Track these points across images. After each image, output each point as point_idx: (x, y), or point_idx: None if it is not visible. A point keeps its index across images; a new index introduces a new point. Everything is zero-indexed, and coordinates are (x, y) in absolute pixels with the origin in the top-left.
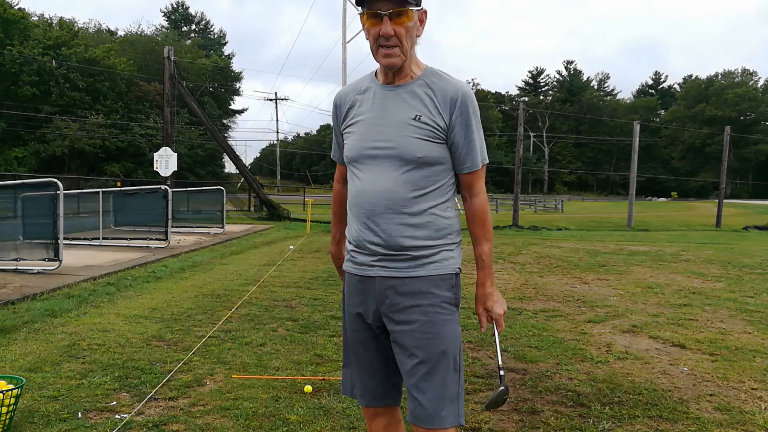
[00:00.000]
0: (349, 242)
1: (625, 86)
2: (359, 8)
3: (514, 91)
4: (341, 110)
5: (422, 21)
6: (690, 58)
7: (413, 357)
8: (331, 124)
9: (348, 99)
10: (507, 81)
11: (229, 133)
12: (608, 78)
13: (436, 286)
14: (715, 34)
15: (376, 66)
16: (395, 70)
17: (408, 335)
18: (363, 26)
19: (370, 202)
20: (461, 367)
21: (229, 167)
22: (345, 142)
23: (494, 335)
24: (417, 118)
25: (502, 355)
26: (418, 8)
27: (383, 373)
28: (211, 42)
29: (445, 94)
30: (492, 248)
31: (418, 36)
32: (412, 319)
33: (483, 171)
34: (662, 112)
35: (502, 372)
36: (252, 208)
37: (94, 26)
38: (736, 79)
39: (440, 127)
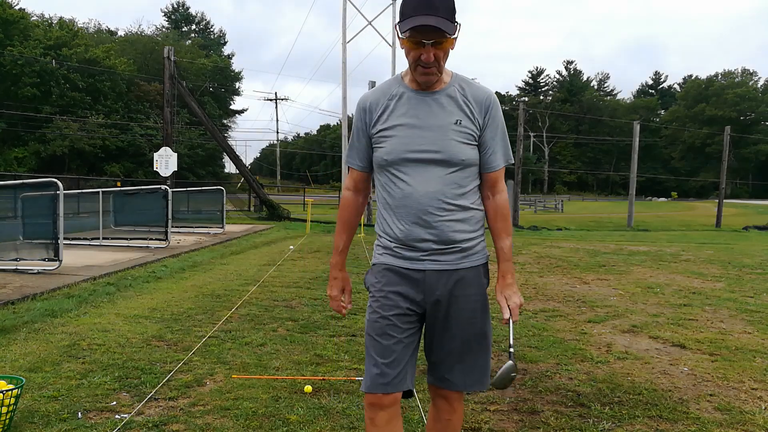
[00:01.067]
0: (389, 240)
1: (624, 87)
2: (400, 27)
3: (514, 91)
4: (372, 114)
5: (457, 37)
6: (689, 58)
7: (455, 339)
8: (355, 125)
9: (380, 103)
10: (507, 81)
11: (229, 133)
12: (608, 78)
13: (479, 274)
14: (714, 34)
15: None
16: (432, 84)
17: (456, 321)
18: (400, 40)
19: (420, 203)
20: (491, 343)
21: (229, 167)
22: (380, 146)
23: (509, 322)
24: (458, 123)
25: (513, 339)
26: (458, 31)
27: (406, 361)
28: (211, 42)
29: (478, 99)
30: (512, 243)
31: (452, 49)
32: (461, 307)
33: (504, 171)
34: (662, 112)
35: (512, 350)
36: (252, 208)
37: (94, 26)
38: (736, 79)
39: (475, 130)
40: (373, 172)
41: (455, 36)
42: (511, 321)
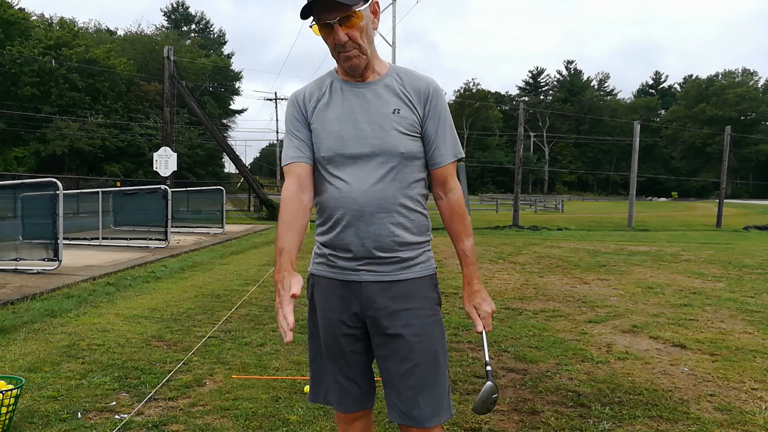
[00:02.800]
0: (324, 246)
1: (624, 87)
2: (308, 21)
3: (515, 91)
4: (305, 108)
5: (375, 13)
6: (686, 59)
7: (407, 360)
8: (290, 120)
9: (313, 97)
10: (507, 81)
11: (229, 132)
12: (608, 78)
13: (424, 287)
14: (712, 35)
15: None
16: (360, 71)
17: (400, 340)
18: (318, 34)
19: (357, 203)
20: (447, 363)
21: (229, 167)
22: (315, 143)
23: (482, 333)
24: (396, 112)
25: (489, 351)
26: (366, 3)
27: (363, 377)
28: (210, 42)
29: (417, 88)
30: (474, 244)
31: (375, 29)
32: (404, 323)
33: (455, 166)
34: (662, 112)
35: (488, 367)
36: (252, 208)
37: (94, 26)
38: (737, 79)
39: (416, 120)
40: None
41: (363, 6)
42: (484, 333)
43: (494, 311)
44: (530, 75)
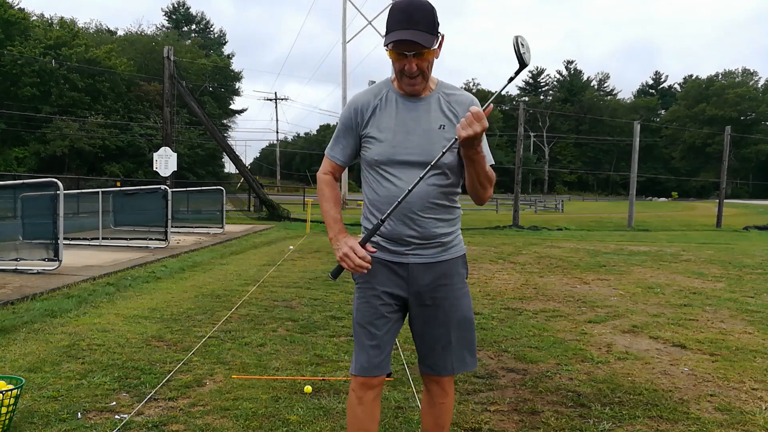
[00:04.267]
0: (376, 234)
1: (623, 88)
2: (385, 40)
3: (515, 91)
4: (363, 114)
5: (440, 45)
6: (684, 61)
7: (443, 326)
8: (343, 123)
9: (370, 105)
10: (503, 81)
11: (229, 133)
12: (608, 78)
13: (458, 265)
14: (711, 36)
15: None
16: (419, 93)
17: (440, 309)
18: (387, 52)
19: (407, 202)
20: (474, 325)
21: (229, 167)
22: (369, 146)
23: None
24: (442, 128)
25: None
26: (438, 42)
27: (390, 346)
28: (211, 42)
29: (461, 104)
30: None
31: (436, 58)
32: (443, 296)
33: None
34: (662, 112)
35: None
36: (252, 208)
37: (95, 26)
38: (737, 79)
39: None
40: (359, 170)
41: (435, 47)
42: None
43: (477, 132)
44: (530, 75)
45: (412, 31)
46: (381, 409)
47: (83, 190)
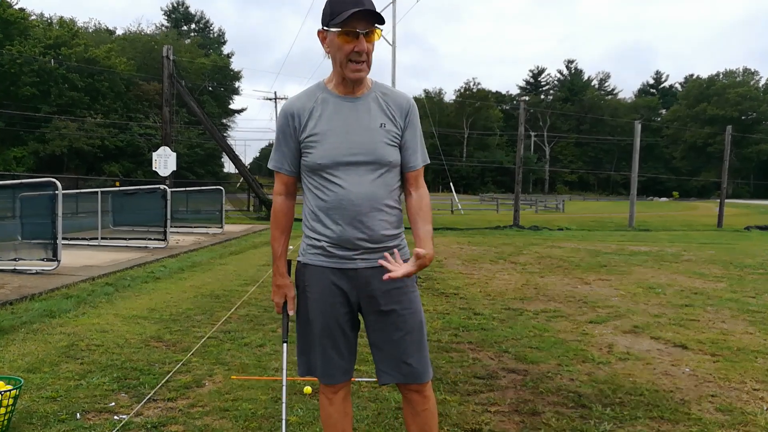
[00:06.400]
0: (321, 240)
1: (621, 89)
2: (330, 28)
3: (515, 91)
4: (299, 119)
5: (380, 34)
6: (684, 62)
7: (399, 330)
8: (281, 131)
9: (305, 108)
10: (507, 82)
11: (228, 132)
12: (609, 77)
13: None
14: (708, 38)
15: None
16: (360, 83)
17: (393, 314)
18: (325, 42)
19: (354, 204)
20: (426, 331)
21: (229, 167)
22: (311, 150)
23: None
24: (383, 126)
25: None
26: (382, 27)
27: (351, 352)
28: (210, 41)
29: (398, 103)
30: (432, 230)
31: (372, 50)
32: (395, 300)
33: (422, 170)
34: (663, 111)
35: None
36: (251, 208)
37: (94, 26)
38: (738, 79)
39: (397, 133)
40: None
41: (382, 28)
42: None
43: (430, 257)
44: (531, 74)
45: (368, 7)
46: (381, 411)
47: (82, 190)
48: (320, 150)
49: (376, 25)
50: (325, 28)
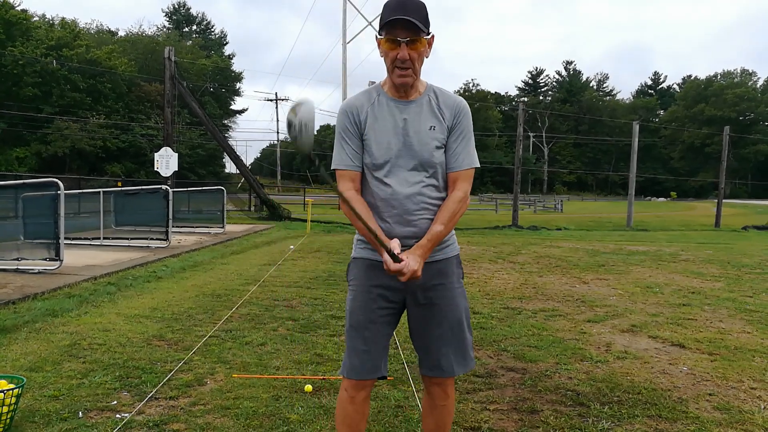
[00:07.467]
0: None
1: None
2: (379, 34)
3: (514, 92)
4: (359, 118)
5: (430, 44)
6: (682, 62)
7: (440, 326)
8: (343, 129)
9: (364, 107)
10: (506, 83)
11: (230, 133)
12: (607, 78)
13: (453, 265)
14: (707, 39)
15: (381, 76)
16: (407, 89)
17: (435, 308)
18: (379, 47)
19: (402, 203)
20: (470, 324)
21: (230, 167)
22: (365, 150)
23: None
24: (432, 129)
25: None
26: (429, 35)
27: (385, 350)
28: (211, 43)
29: (449, 105)
30: (443, 233)
31: (426, 57)
32: (439, 295)
33: (469, 174)
34: (661, 112)
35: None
36: (252, 208)
37: (96, 27)
38: (736, 80)
39: (445, 135)
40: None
41: (428, 37)
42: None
43: (414, 275)
44: (529, 75)
45: (407, 17)
46: (381, 409)
47: (84, 190)
48: (372, 150)
49: (422, 34)
50: (377, 33)
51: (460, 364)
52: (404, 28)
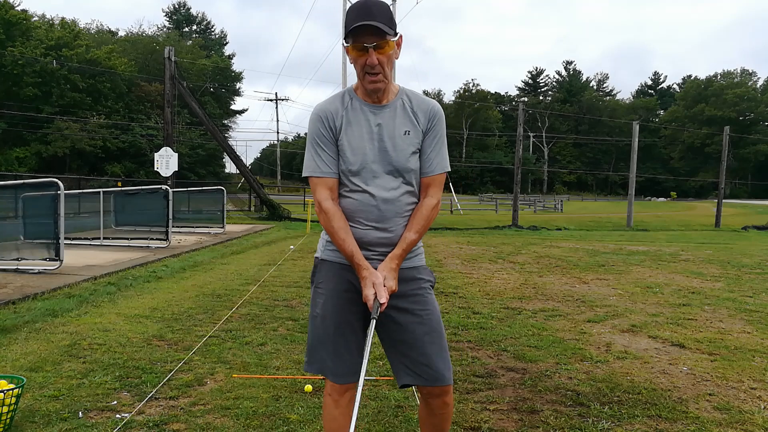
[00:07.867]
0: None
1: (621, 89)
2: (346, 41)
3: (514, 92)
4: (334, 124)
5: (399, 45)
6: (681, 63)
7: (417, 332)
8: (318, 135)
9: (339, 112)
10: (506, 83)
11: (230, 133)
12: (607, 78)
13: (424, 271)
14: (707, 39)
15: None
16: (380, 94)
17: (409, 315)
18: (348, 54)
19: (379, 209)
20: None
21: (230, 167)
22: (340, 156)
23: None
24: (406, 133)
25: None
26: (396, 36)
27: (360, 352)
28: (212, 43)
29: (423, 109)
30: (416, 242)
31: (396, 59)
32: (412, 301)
33: (441, 178)
34: (661, 112)
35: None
36: (252, 208)
37: (96, 27)
38: (736, 80)
39: (420, 138)
40: None
41: (395, 38)
42: (378, 304)
43: (395, 290)
44: (529, 75)
45: (372, 21)
46: (381, 409)
47: (84, 190)
48: (347, 156)
49: (388, 37)
50: (343, 41)
51: (447, 369)
52: (370, 33)
